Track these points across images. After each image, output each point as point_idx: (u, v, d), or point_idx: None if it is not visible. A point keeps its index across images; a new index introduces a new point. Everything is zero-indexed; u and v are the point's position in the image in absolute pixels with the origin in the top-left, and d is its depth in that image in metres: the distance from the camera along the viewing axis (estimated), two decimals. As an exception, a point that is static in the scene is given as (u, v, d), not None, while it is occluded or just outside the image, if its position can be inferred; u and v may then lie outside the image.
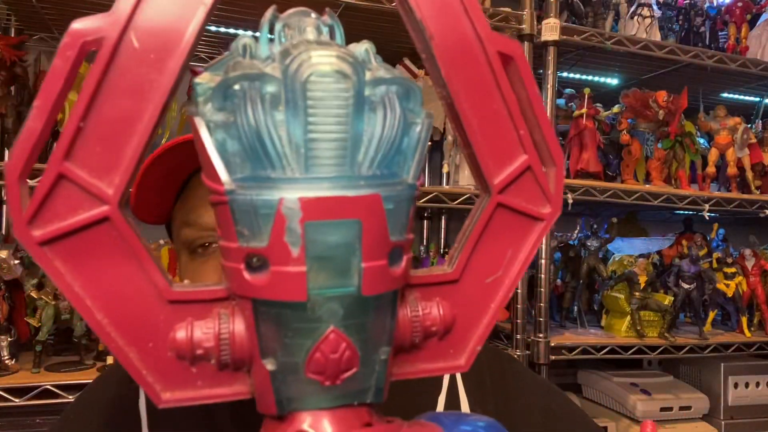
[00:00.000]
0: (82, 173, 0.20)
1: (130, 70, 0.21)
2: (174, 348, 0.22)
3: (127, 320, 0.21)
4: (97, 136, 0.21)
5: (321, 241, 0.22)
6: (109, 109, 0.21)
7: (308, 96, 0.21)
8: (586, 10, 1.77)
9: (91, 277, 0.21)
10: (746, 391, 1.86)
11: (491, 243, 0.24)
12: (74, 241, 0.21)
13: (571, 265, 1.84)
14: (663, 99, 1.76)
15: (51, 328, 1.31)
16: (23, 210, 0.20)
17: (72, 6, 1.49)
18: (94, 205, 0.20)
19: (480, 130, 0.23)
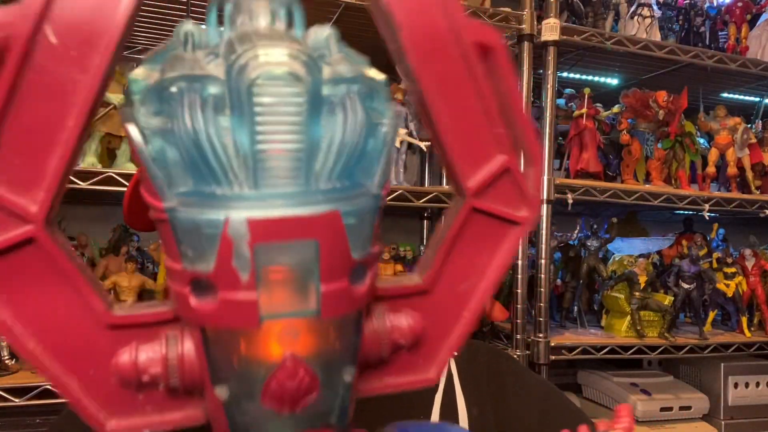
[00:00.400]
0: (0, 190, 0.17)
1: (48, 70, 0.18)
2: (118, 374, 0.20)
3: (64, 348, 0.19)
4: (14, 147, 0.18)
5: (273, 265, 0.20)
6: (27, 117, 0.18)
7: (255, 102, 0.19)
8: (586, 10, 1.77)
9: (20, 303, 0.18)
10: (746, 391, 1.86)
11: (465, 250, 0.22)
12: (2, 266, 0.18)
13: (571, 265, 1.84)
14: (663, 99, 1.76)
15: (51, 328, 1.31)
16: None
17: (72, 6, 1.49)
18: (16, 226, 0.17)
19: (452, 129, 0.21)
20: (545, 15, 1.63)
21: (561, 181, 1.66)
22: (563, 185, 1.66)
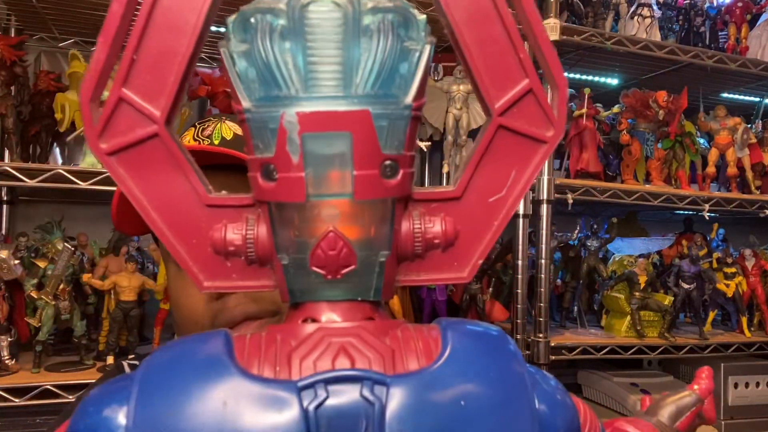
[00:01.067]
0: (136, 97, 0.24)
1: (169, 10, 0.25)
2: (212, 245, 0.26)
3: (176, 220, 0.26)
4: (146, 66, 0.24)
5: (317, 151, 0.25)
6: (155, 43, 0.24)
7: (306, 24, 0.24)
8: (586, 10, 1.77)
9: (147, 182, 0.25)
10: (746, 391, 1.86)
11: (494, 164, 0.26)
12: (133, 153, 0.25)
13: (571, 265, 1.84)
14: (663, 99, 1.76)
15: (51, 328, 1.30)
16: (92, 126, 0.24)
17: (72, 6, 1.49)
18: (146, 124, 0.24)
19: (480, 56, 0.25)
20: (545, 15, 1.63)
21: (561, 181, 1.66)
22: (563, 185, 1.66)
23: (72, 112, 1.33)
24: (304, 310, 0.28)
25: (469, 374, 0.25)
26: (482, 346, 0.27)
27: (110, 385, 0.26)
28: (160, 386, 0.24)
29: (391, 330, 0.27)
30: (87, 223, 1.74)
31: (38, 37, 1.68)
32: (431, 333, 0.27)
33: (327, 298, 0.27)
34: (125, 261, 1.38)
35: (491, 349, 0.27)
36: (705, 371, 0.61)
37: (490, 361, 0.26)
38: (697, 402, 0.58)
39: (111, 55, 0.24)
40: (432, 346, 0.26)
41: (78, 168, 1.27)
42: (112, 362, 1.33)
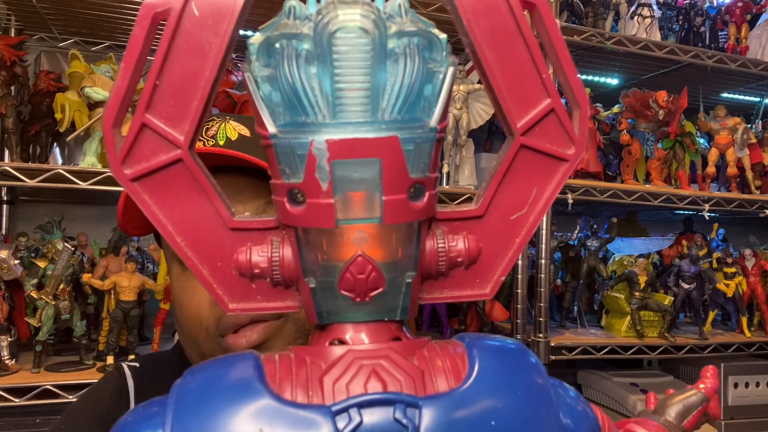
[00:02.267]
0: (159, 123, 0.24)
1: (192, 35, 0.25)
2: (237, 267, 0.26)
3: (200, 243, 0.26)
4: (169, 91, 0.25)
5: (346, 177, 0.25)
6: (178, 68, 0.24)
7: (334, 50, 0.24)
8: (586, 10, 1.77)
9: (171, 207, 0.25)
10: (746, 391, 1.86)
11: (516, 182, 0.26)
12: (157, 178, 0.25)
13: (571, 265, 1.84)
14: (663, 99, 1.76)
15: (51, 328, 1.30)
16: (117, 153, 0.24)
17: (72, 6, 1.49)
18: (170, 149, 0.24)
19: (502, 76, 0.25)
20: (545, 15, 1.63)
21: (561, 181, 1.66)
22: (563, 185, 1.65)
23: (72, 112, 1.33)
24: (331, 331, 0.28)
25: (497, 393, 0.25)
26: (508, 363, 0.27)
27: (143, 410, 0.26)
28: (194, 412, 0.24)
29: (418, 350, 0.27)
30: (87, 223, 1.74)
31: (38, 37, 1.68)
32: (457, 351, 0.27)
33: (354, 320, 0.28)
34: (125, 261, 1.38)
35: (516, 366, 0.27)
36: (710, 370, 0.62)
37: (517, 378, 0.26)
38: (704, 401, 0.59)
39: (133, 81, 0.24)
40: (459, 365, 0.27)
41: (78, 168, 1.27)
42: (112, 362, 1.33)
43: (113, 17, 1.57)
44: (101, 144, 1.32)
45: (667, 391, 0.63)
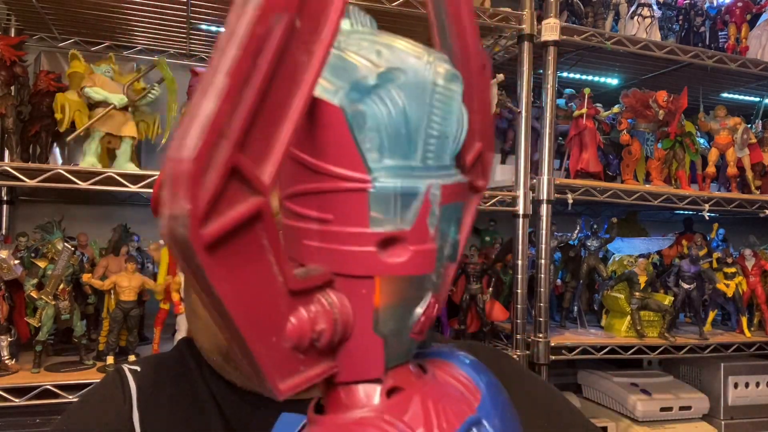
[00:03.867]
0: (248, 164, 0.17)
1: (289, 53, 0.19)
2: (290, 339, 0.21)
3: (258, 317, 0.20)
4: (259, 122, 0.18)
5: (445, 221, 0.26)
6: (271, 94, 0.18)
7: (438, 96, 0.25)
8: (586, 10, 1.77)
9: (242, 279, 0.19)
10: (746, 391, 1.86)
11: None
12: (240, 239, 0.18)
13: (571, 265, 1.84)
14: (663, 99, 1.76)
15: (51, 328, 1.31)
16: (200, 206, 0.17)
17: (72, 6, 1.49)
18: (250, 197, 0.18)
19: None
20: (545, 15, 1.63)
21: (561, 181, 1.66)
22: (563, 185, 1.66)
23: (72, 112, 1.33)
24: (387, 380, 0.26)
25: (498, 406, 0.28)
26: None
27: None
28: None
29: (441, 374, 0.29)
30: (87, 223, 1.75)
31: (38, 37, 1.68)
32: (461, 374, 0.29)
33: (399, 363, 0.27)
34: (125, 261, 1.38)
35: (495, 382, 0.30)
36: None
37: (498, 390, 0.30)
38: None
39: (221, 121, 0.17)
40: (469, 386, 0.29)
41: (78, 168, 1.27)
42: (112, 362, 1.33)
43: (113, 17, 1.57)
44: (101, 144, 1.32)
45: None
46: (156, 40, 1.74)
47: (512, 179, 1.67)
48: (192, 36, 1.71)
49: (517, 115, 1.66)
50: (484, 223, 2.13)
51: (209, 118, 0.16)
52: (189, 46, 1.78)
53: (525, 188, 1.63)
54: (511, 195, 1.63)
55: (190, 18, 1.58)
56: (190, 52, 1.82)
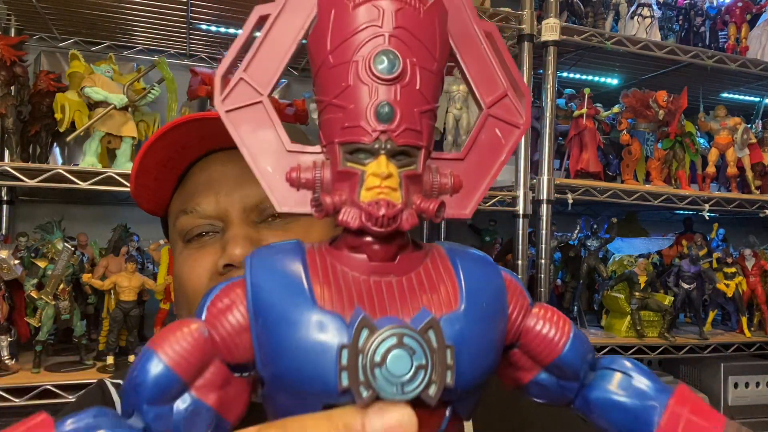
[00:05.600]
0: (251, 80, 0.31)
1: (280, 28, 0.31)
2: (289, 179, 0.30)
3: (264, 156, 0.31)
4: (261, 59, 0.31)
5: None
6: (268, 47, 0.31)
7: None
8: (586, 10, 1.77)
9: (248, 131, 0.31)
10: (746, 391, 1.86)
11: (486, 138, 0.33)
12: (244, 112, 0.31)
13: (571, 265, 1.84)
14: (663, 99, 1.76)
15: (51, 328, 1.31)
16: (221, 94, 0.30)
17: (72, 6, 1.49)
18: (255, 96, 0.31)
19: (476, 73, 0.33)
20: (545, 15, 1.63)
21: (561, 181, 1.66)
22: (563, 185, 1.66)
23: (72, 112, 1.33)
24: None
25: (480, 287, 0.31)
26: (480, 264, 0.33)
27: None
28: (265, 260, 0.31)
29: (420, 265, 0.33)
30: (87, 223, 1.75)
31: (38, 37, 1.68)
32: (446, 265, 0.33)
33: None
34: (125, 261, 1.38)
35: (485, 264, 0.33)
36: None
37: (486, 271, 0.32)
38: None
39: (238, 55, 0.31)
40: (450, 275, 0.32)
41: (78, 168, 1.27)
42: (112, 362, 1.33)
43: (113, 17, 1.57)
44: (101, 144, 1.32)
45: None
46: (156, 40, 1.74)
47: (512, 179, 1.67)
48: (192, 36, 1.71)
49: (517, 115, 1.66)
50: (484, 223, 2.13)
51: (226, 58, 0.31)
52: (189, 46, 1.78)
53: (525, 188, 1.63)
54: (511, 195, 1.63)
55: (190, 18, 1.58)
56: (190, 52, 1.82)
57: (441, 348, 0.26)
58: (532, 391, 0.34)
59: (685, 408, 0.31)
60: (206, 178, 0.61)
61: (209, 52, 1.83)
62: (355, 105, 0.28)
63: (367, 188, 0.28)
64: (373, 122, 0.28)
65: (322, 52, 0.29)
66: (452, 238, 2.14)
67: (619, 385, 0.32)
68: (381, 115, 0.27)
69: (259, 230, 0.59)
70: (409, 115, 0.28)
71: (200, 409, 0.28)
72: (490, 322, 0.30)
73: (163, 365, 0.27)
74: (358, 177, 0.28)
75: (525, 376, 0.34)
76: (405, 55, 0.28)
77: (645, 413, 0.31)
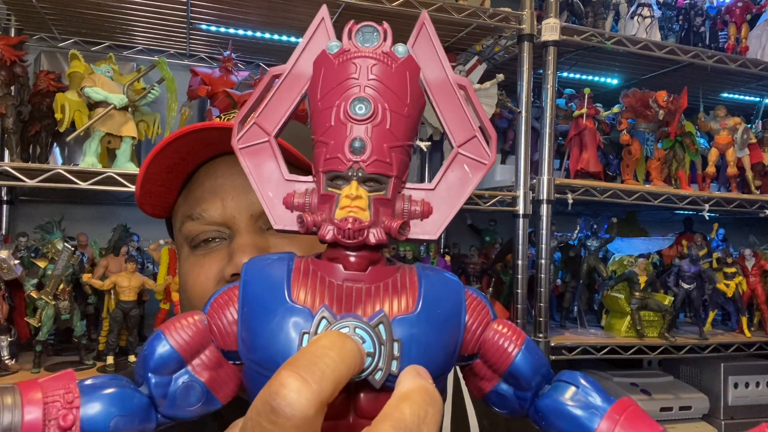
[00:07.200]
0: (261, 124, 0.36)
1: (286, 84, 0.36)
2: (285, 202, 0.35)
3: (267, 183, 0.36)
4: (271, 107, 0.36)
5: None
6: (277, 97, 0.36)
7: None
8: (586, 10, 1.77)
9: (256, 164, 0.36)
10: (746, 391, 1.86)
11: (455, 172, 0.37)
12: (253, 148, 0.36)
13: (571, 265, 1.84)
14: (663, 99, 1.76)
15: (51, 328, 1.31)
16: (236, 135, 0.36)
17: (72, 6, 1.49)
18: (263, 136, 0.36)
19: (450, 119, 0.37)
20: (545, 15, 1.63)
21: (561, 181, 1.66)
22: (563, 185, 1.66)
23: (72, 112, 1.33)
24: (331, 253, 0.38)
25: (437, 298, 0.35)
26: (440, 279, 0.37)
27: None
28: (258, 266, 0.36)
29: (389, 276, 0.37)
30: (87, 223, 1.75)
31: (38, 37, 1.68)
32: (412, 278, 0.36)
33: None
34: (125, 261, 1.38)
35: (445, 280, 0.37)
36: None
37: (445, 285, 0.36)
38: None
39: (251, 108, 0.37)
40: (413, 284, 0.35)
41: (78, 168, 1.27)
42: (112, 362, 1.33)
43: (113, 17, 1.57)
44: (101, 144, 1.32)
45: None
46: (156, 40, 1.74)
47: (512, 179, 1.67)
48: (192, 36, 1.71)
49: (517, 115, 1.66)
50: (484, 223, 2.13)
51: (243, 107, 0.37)
52: (189, 46, 1.78)
53: (525, 188, 1.63)
54: (511, 195, 1.63)
55: (190, 18, 1.58)
56: (190, 52, 1.82)
57: (389, 340, 0.31)
58: (492, 401, 0.38)
59: (622, 415, 0.34)
60: (212, 184, 0.62)
61: (209, 52, 1.83)
62: (335, 141, 0.33)
63: (340, 207, 0.33)
64: (348, 154, 0.33)
65: (314, 99, 0.34)
66: (453, 238, 2.14)
67: (569, 396, 0.35)
68: (354, 149, 0.32)
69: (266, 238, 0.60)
70: (379, 149, 0.33)
71: (194, 383, 0.34)
72: (442, 328, 0.34)
73: (167, 344, 0.33)
74: (335, 199, 0.33)
75: (486, 386, 0.37)
76: (376, 101, 0.33)
77: (587, 420, 0.34)
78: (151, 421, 0.33)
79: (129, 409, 0.32)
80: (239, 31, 1.69)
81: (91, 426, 0.31)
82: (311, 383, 0.26)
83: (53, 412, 0.30)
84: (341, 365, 0.27)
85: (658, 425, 0.33)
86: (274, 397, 0.25)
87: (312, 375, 0.26)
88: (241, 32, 1.70)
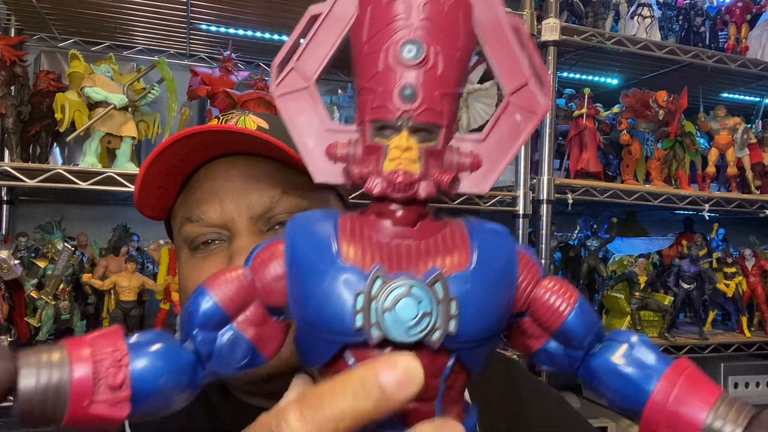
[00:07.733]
0: (300, 70, 0.34)
1: (328, 25, 0.33)
2: (328, 153, 0.33)
3: (306, 132, 0.34)
4: (310, 51, 0.34)
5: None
6: (316, 40, 0.33)
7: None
8: (586, 10, 1.77)
9: (296, 111, 0.34)
10: (746, 391, 1.87)
11: (505, 123, 0.35)
12: (293, 95, 0.34)
13: (571, 265, 1.84)
14: (663, 99, 1.76)
15: (51, 328, 1.31)
16: (276, 80, 0.34)
17: (72, 6, 1.49)
18: (303, 82, 0.34)
19: (501, 63, 0.34)
20: (545, 15, 1.63)
21: (561, 181, 1.66)
22: (563, 185, 1.66)
23: (72, 112, 1.33)
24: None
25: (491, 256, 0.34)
26: (495, 237, 0.35)
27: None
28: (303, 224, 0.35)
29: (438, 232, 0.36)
30: (87, 223, 1.75)
31: (38, 37, 1.68)
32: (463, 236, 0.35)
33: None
34: (125, 261, 1.38)
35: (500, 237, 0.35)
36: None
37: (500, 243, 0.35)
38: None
39: (292, 48, 0.34)
40: (464, 243, 0.34)
41: (78, 168, 1.27)
42: (112, 362, 1.33)
43: (113, 17, 1.57)
44: (101, 144, 1.32)
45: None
46: (156, 40, 1.74)
47: (512, 179, 1.67)
48: (192, 36, 1.71)
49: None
50: (484, 223, 2.13)
51: (283, 49, 0.34)
52: (189, 46, 1.78)
53: (525, 188, 1.63)
54: (511, 195, 1.63)
55: (190, 18, 1.58)
56: (190, 52, 1.82)
57: (446, 299, 0.30)
58: (540, 359, 0.36)
59: (680, 377, 0.33)
60: (210, 186, 0.61)
61: (209, 52, 1.83)
62: (383, 88, 0.31)
63: (389, 159, 0.31)
64: (398, 102, 0.31)
65: (359, 42, 0.32)
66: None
67: (622, 354, 0.34)
68: (404, 96, 0.30)
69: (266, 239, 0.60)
70: (430, 97, 0.31)
71: (239, 339, 0.33)
72: (496, 285, 0.32)
73: (211, 300, 0.33)
74: (383, 150, 0.31)
75: (535, 344, 0.36)
76: (428, 44, 0.30)
77: (642, 381, 0.33)
78: (198, 378, 0.33)
79: (177, 365, 0.32)
80: (239, 31, 1.69)
81: (141, 384, 0.30)
82: (310, 422, 0.26)
83: (101, 370, 0.30)
84: (356, 404, 0.27)
85: (716, 387, 0.33)
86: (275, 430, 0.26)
87: (314, 415, 0.26)
88: (241, 32, 1.70)
